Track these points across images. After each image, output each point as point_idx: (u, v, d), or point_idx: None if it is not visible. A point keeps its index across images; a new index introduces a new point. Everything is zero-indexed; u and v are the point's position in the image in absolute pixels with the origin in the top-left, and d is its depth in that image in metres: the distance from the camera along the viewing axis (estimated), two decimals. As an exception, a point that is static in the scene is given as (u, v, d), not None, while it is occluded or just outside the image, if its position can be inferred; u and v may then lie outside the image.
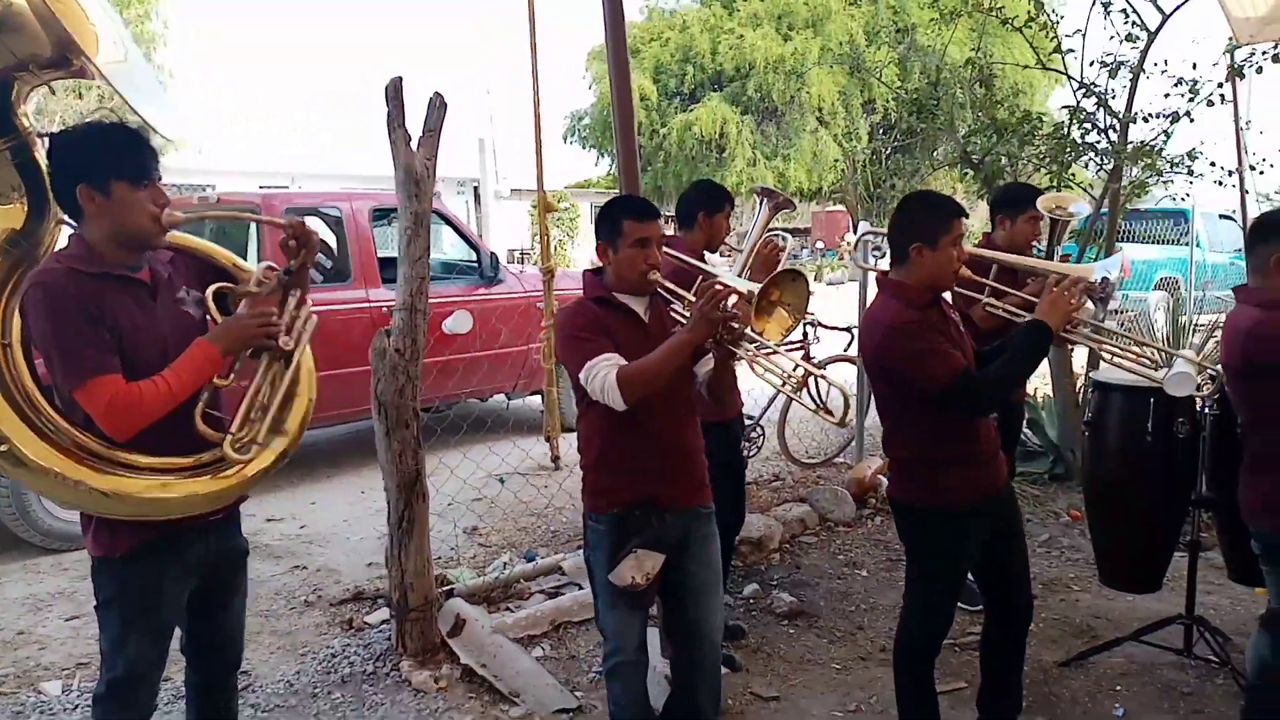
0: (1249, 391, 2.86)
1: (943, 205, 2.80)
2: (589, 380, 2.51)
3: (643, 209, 2.68)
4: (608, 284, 2.69)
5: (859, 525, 5.35)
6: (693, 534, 2.70)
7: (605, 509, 2.65)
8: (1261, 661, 2.98)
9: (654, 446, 2.61)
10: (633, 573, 2.55)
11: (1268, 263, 2.79)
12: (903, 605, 2.98)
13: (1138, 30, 5.37)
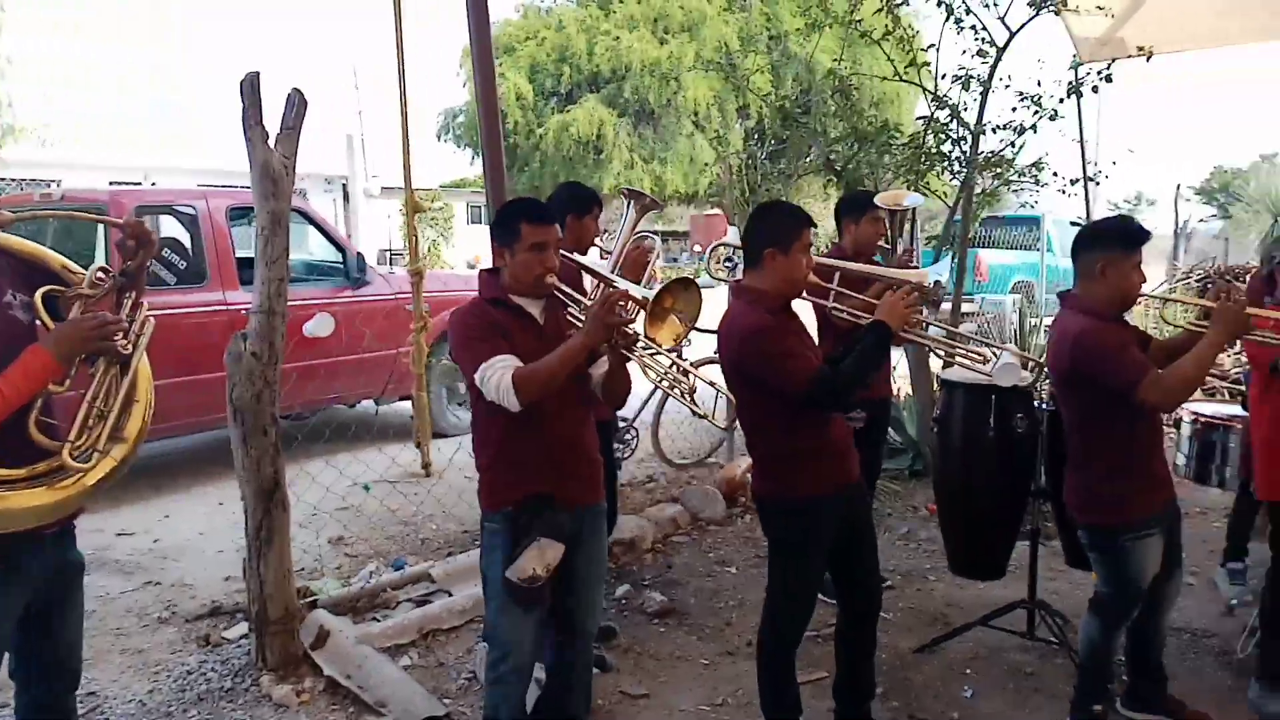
0: (1071, 396, 3.09)
1: (794, 214, 2.96)
2: (484, 381, 2.52)
3: (540, 213, 2.72)
4: (504, 285, 2.71)
5: (729, 523, 5.47)
6: (585, 531, 2.75)
7: (501, 506, 2.67)
8: (1090, 642, 3.21)
9: (551, 445, 2.65)
10: (534, 564, 2.57)
11: (1094, 269, 3.01)
12: (765, 598, 3.06)
13: (987, 46, 5.65)
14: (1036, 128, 5.57)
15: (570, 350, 2.54)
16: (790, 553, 2.96)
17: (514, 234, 2.64)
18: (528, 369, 2.52)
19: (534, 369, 2.52)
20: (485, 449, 2.72)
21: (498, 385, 2.48)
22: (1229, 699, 3.49)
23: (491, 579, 2.70)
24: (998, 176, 5.76)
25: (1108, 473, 3.05)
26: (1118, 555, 3.08)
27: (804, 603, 3.00)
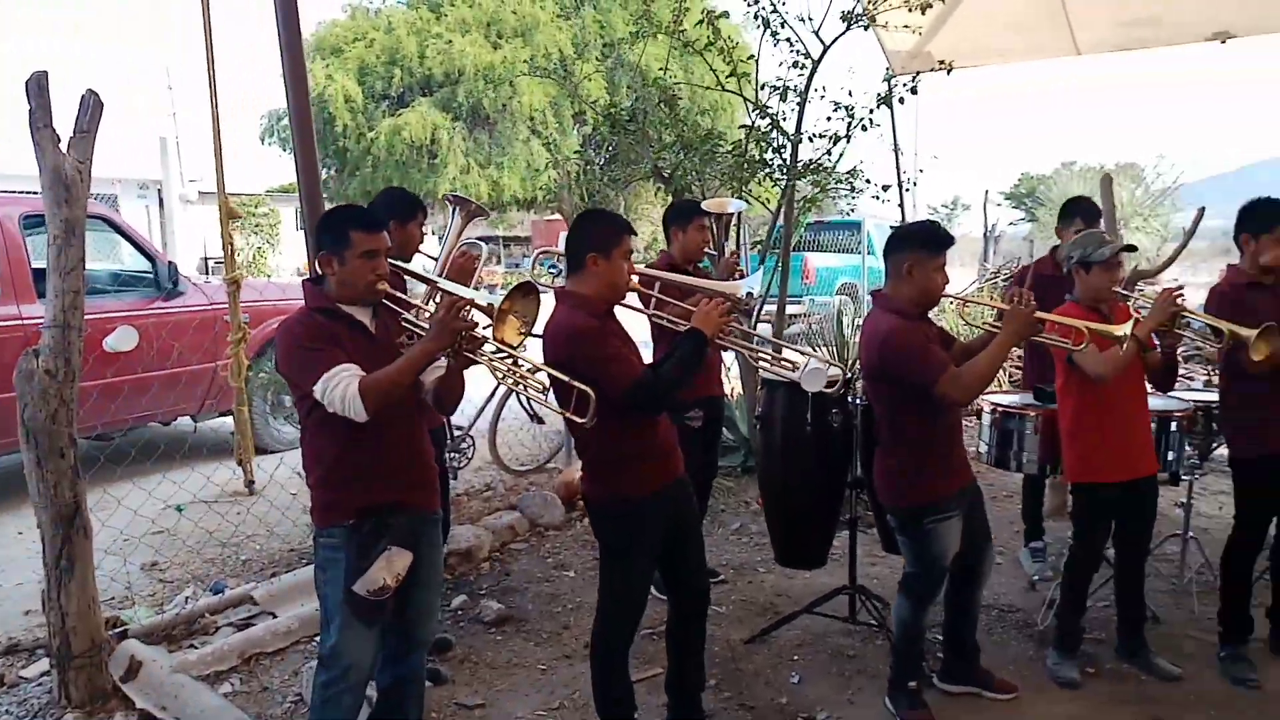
0: (879, 390, 3.30)
1: (616, 221, 3.03)
2: (327, 392, 2.45)
3: (370, 220, 2.69)
4: (330, 294, 2.65)
5: (569, 528, 5.48)
6: (423, 539, 2.72)
7: (340, 520, 2.60)
8: (902, 621, 3.41)
9: (391, 453, 2.62)
10: (384, 574, 2.52)
11: (902, 269, 3.21)
12: (598, 598, 3.10)
13: (803, 59, 5.90)
14: (850, 137, 5.84)
15: (415, 357, 2.52)
16: (620, 554, 3.01)
17: (344, 241, 2.59)
18: (373, 378, 2.48)
19: (379, 377, 2.48)
20: (319, 463, 2.64)
21: (343, 396, 2.43)
22: (1030, 667, 3.77)
23: (331, 596, 2.62)
24: (816, 183, 6.01)
25: (912, 460, 3.27)
26: (922, 536, 3.29)
27: (634, 602, 3.05)
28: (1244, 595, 3.76)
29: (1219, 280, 3.87)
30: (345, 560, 2.56)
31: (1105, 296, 3.55)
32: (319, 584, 2.69)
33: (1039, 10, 6.85)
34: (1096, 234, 3.75)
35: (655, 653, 3.82)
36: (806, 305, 12.25)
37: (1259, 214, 3.64)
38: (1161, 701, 3.50)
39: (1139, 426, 3.60)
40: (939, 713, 3.40)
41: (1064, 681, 3.63)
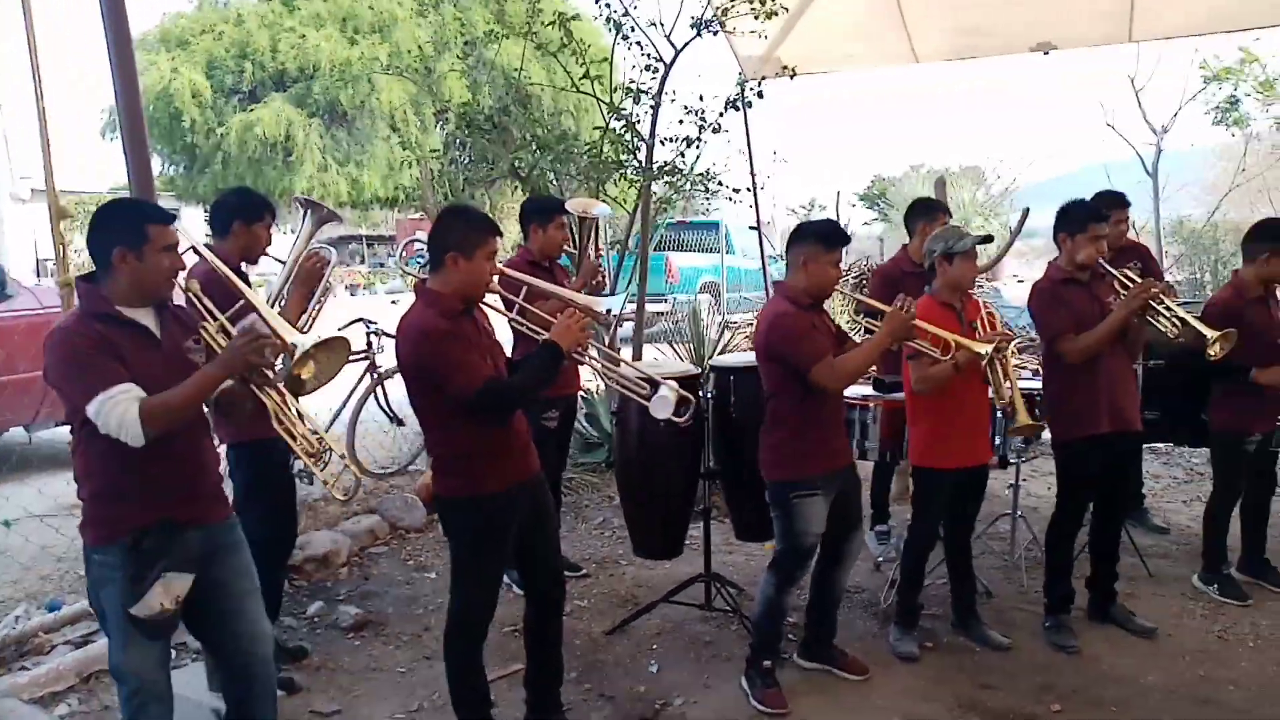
0: (765, 369, 3.48)
1: (482, 220, 3.01)
2: (102, 415, 2.31)
3: (164, 213, 2.58)
4: (110, 295, 2.48)
5: (430, 529, 5.44)
6: (218, 546, 2.62)
7: (114, 539, 2.46)
8: (765, 598, 3.55)
9: (172, 467, 2.49)
10: (161, 599, 2.41)
11: (799, 261, 3.42)
12: (450, 596, 3.10)
13: (655, 62, 6.01)
14: (703, 139, 5.99)
15: (204, 380, 2.43)
16: (471, 550, 3.01)
17: (142, 236, 2.45)
18: (157, 401, 2.35)
19: (164, 401, 2.36)
20: (90, 478, 2.49)
21: (120, 421, 2.29)
22: (874, 644, 3.98)
23: (110, 613, 2.49)
24: (671, 184, 6.14)
25: (787, 436, 3.44)
26: (787, 510, 3.45)
27: (485, 600, 3.06)
28: (1066, 569, 4.06)
29: (1041, 278, 4.17)
30: (121, 580, 2.43)
31: (967, 285, 3.82)
32: (93, 600, 2.55)
33: (879, 19, 7.19)
34: (956, 228, 3.98)
35: (517, 650, 3.83)
36: (670, 304, 12.45)
37: (1073, 215, 3.93)
38: (993, 670, 3.75)
39: (978, 417, 3.85)
40: (791, 690, 3.55)
41: (904, 655, 3.85)
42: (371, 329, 6.18)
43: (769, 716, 3.42)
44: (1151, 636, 3.98)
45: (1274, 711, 3.39)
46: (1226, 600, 4.28)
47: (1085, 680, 3.66)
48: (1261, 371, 4.12)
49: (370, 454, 6.31)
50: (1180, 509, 5.75)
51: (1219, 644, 3.94)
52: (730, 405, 4.01)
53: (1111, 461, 3.93)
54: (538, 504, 3.12)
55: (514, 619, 4.08)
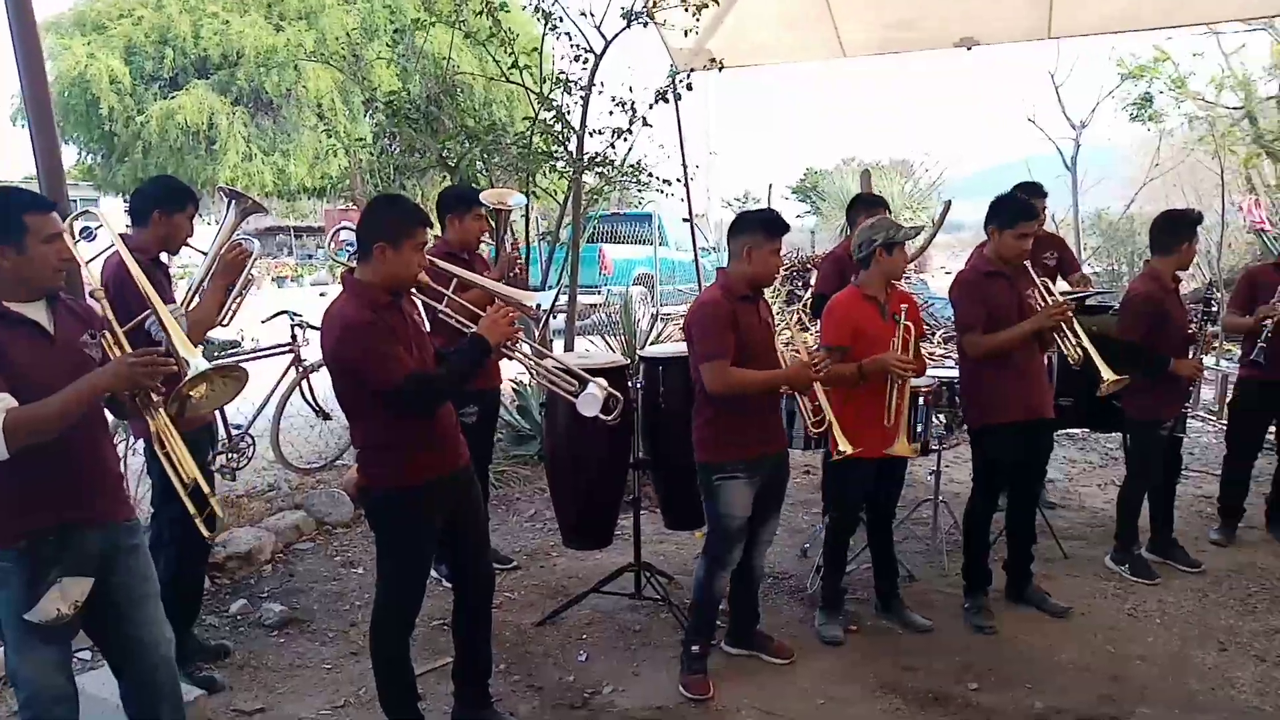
0: (690, 352, 3.50)
1: (411, 211, 2.96)
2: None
3: (43, 201, 2.50)
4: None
5: (357, 524, 5.36)
6: (118, 548, 2.54)
7: (10, 542, 2.37)
8: (698, 582, 3.59)
9: (68, 466, 2.41)
10: (57, 604, 2.34)
11: (741, 251, 3.44)
12: (376, 590, 3.08)
13: (585, 52, 6.00)
14: (633, 130, 5.99)
15: (84, 392, 2.32)
16: (397, 543, 2.99)
17: (20, 228, 2.35)
18: (25, 414, 2.23)
19: (32, 415, 2.24)
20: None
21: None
22: (801, 629, 4.06)
23: (5, 618, 2.41)
24: (602, 176, 6.13)
25: (712, 418, 3.46)
26: (710, 491, 3.48)
27: (413, 592, 3.04)
28: (984, 552, 4.18)
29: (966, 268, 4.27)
30: (17, 584, 2.35)
31: (899, 275, 3.92)
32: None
33: (808, 12, 7.26)
34: (890, 219, 4.04)
35: (446, 643, 3.82)
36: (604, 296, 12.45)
37: (1006, 210, 4.01)
38: (914, 652, 3.84)
39: (896, 409, 3.91)
40: (717, 675, 3.60)
41: (829, 640, 3.93)
42: (296, 321, 6.07)
43: (693, 702, 3.46)
44: (1065, 616, 4.12)
45: (1179, 684, 3.54)
46: (1137, 579, 4.45)
47: (1002, 659, 3.76)
48: (1181, 362, 4.29)
49: (295, 449, 6.20)
50: (1095, 493, 5.95)
51: (1129, 622, 4.09)
52: (659, 395, 4.03)
53: (1025, 448, 4.05)
54: (466, 496, 3.10)
55: (443, 612, 4.06)
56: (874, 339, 3.74)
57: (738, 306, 3.41)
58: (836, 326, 3.79)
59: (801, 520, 5.42)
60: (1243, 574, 4.53)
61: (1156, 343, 4.29)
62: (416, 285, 3.03)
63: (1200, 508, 5.47)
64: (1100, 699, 3.45)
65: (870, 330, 3.76)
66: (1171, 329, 4.34)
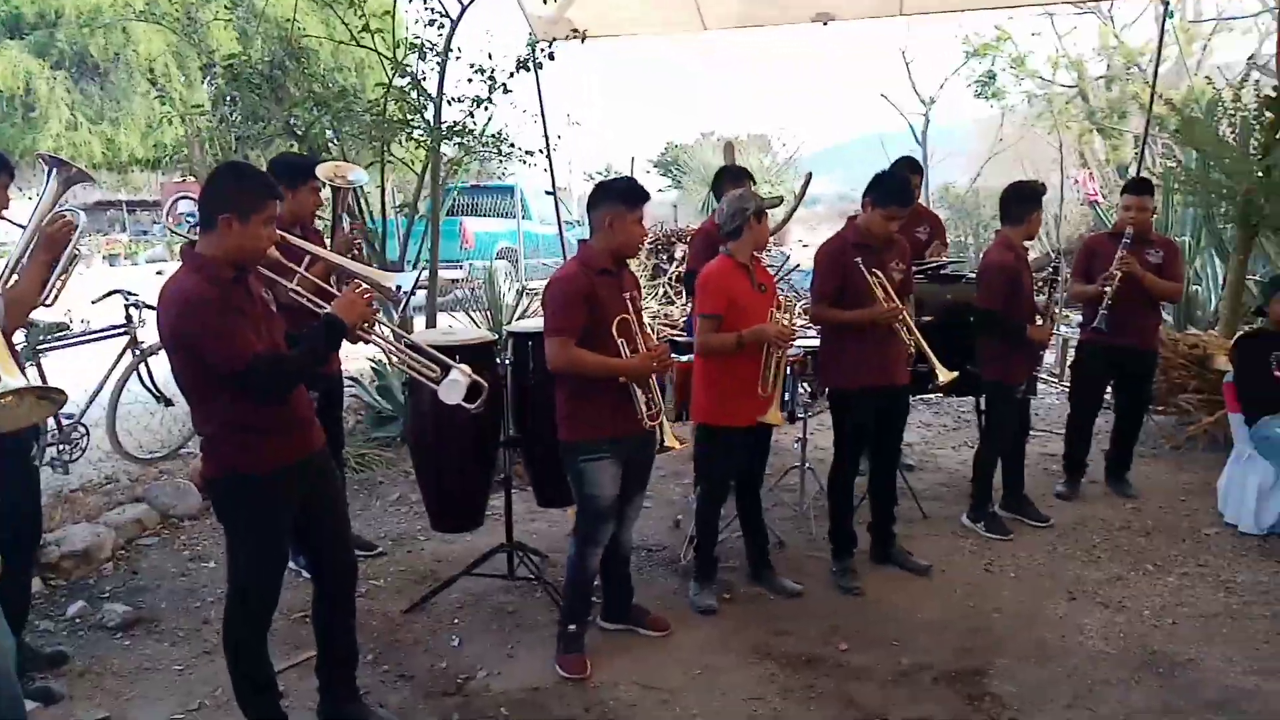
0: None
1: (259, 181, 2.75)
2: None
3: None
4: None
5: (205, 516, 5.05)
6: None
7: None
8: (570, 562, 3.53)
9: None
10: None
11: (603, 222, 3.36)
12: (227, 584, 2.89)
13: (441, 17, 5.77)
14: (493, 99, 5.81)
15: None
16: (246, 533, 2.80)
17: None
18: None
19: None
20: None
21: None
22: (676, 600, 4.05)
23: None
24: (461, 146, 5.93)
25: (571, 399, 3.39)
26: (576, 472, 3.42)
27: (265, 586, 2.87)
28: (848, 514, 4.28)
29: (835, 235, 4.32)
30: None
31: (765, 243, 3.92)
32: None
33: (669, -16, 7.23)
34: (751, 191, 4.04)
35: (307, 636, 3.62)
36: (466, 270, 12.16)
37: (884, 188, 4.07)
38: (786, 617, 3.90)
39: (775, 378, 3.94)
40: (596, 650, 3.56)
41: (703, 609, 3.94)
42: (131, 301, 5.67)
43: (570, 681, 3.41)
44: (927, 574, 4.27)
45: (1034, 635, 3.71)
46: (993, 536, 4.65)
47: (869, 620, 3.87)
48: (1035, 328, 4.48)
49: (135, 438, 5.80)
50: (950, 454, 6.20)
51: (985, 577, 4.27)
52: (529, 371, 3.93)
53: (881, 412, 4.16)
54: (321, 482, 2.93)
55: (303, 604, 3.87)
56: (745, 308, 3.75)
57: (597, 280, 3.33)
58: (713, 296, 3.77)
59: (673, 492, 5.43)
60: (1086, 526, 4.81)
61: (1011, 310, 4.48)
62: (266, 261, 2.82)
63: (1046, 465, 5.77)
64: (961, 653, 3.58)
65: (742, 299, 3.76)
66: (1024, 297, 4.54)
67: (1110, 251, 4.96)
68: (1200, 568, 4.31)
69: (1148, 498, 5.22)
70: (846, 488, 4.25)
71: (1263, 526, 4.61)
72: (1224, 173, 6.33)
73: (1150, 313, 5.10)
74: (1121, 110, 14.74)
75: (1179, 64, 13.18)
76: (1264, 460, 4.63)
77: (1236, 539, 4.63)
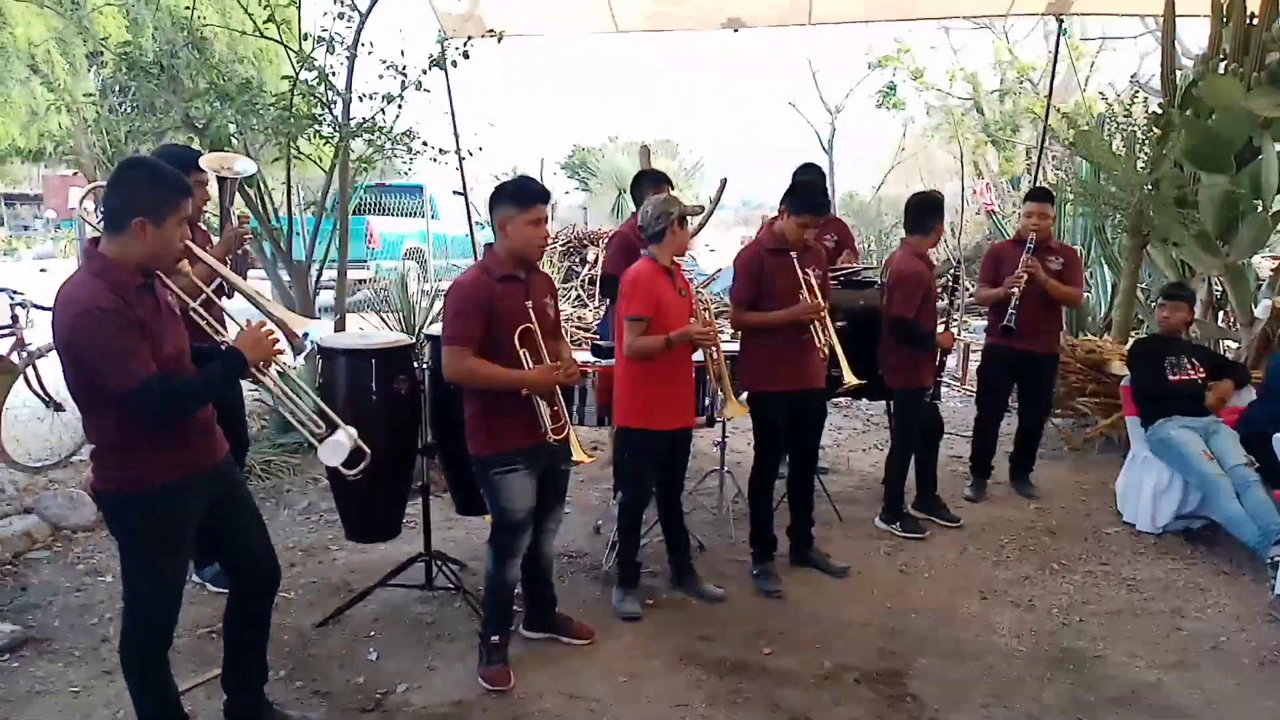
0: None
1: (173, 180, 2.59)
2: None
3: None
4: None
5: (102, 528, 4.78)
6: None
7: None
8: (488, 574, 3.47)
9: None
10: None
11: (500, 226, 3.28)
12: (123, 602, 2.74)
13: (350, 10, 5.59)
14: (404, 96, 5.66)
15: None
16: (143, 550, 2.65)
17: None
18: None
19: None
20: None
21: None
22: (598, 607, 4.01)
23: None
24: (371, 143, 5.77)
25: (479, 411, 3.32)
26: (489, 485, 3.35)
27: (166, 600, 2.71)
28: (768, 518, 4.31)
29: (752, 242, 4.37)
30: None
31: (686, 248, 3.90)
32: None
33: (582, -17, 7.19)
34: (674, 196, 4.04)
35: (215, 653, 3.47)
36: (372, 270, 11.88)
37: (799, 196, 4.13)
38: (709, 622, 3.90)
39: (686, 381, 3.95)
40: (519, 661, 3.50)
41: (627, 615, 3.91)
42: (17, 301, 5.35)
43: (494, 693, 3.34)
44: (845, 576, 4.33)
45: (950, 634, 3.80)
46: (908, 535, 4.75)
47: (790, 622, 3.90)
48: (942, 334, 4.60)
49: (22, 445, 5.46)
50: (861, 457, 6.32)
51: (901, 578, 4.36)
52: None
53: (799, 415, 4.21)
54: (226, 491, 2.81)
55: (209, 619, 3.74)
56: (669, 310, 3.75)
57: (498, 288, 3.24)
58: (642, 298, 3.75)
59: (592, 497, 5.39)
60: (994, 527, 4.96)
61: (920, 317, 4.58)
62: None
63: (954, 467, 5.93)
64: (882, 653, 3.64)
65: (666, 302, 3.76)
66: (931, 303, 4.65)
67: (1015, 257, 5.13)
68: (1103, 566, 4.49)
69: (1050, 498, 5.41)
70: (766, 491, 4.29)
71: (1158, 526, 4.83)
72: (1116, 184, 6.62)
73: (1051, 318, 5.30)
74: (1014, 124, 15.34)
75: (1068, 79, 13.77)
76: (1159, 461, 4.85)
77: (1135, 538, 4.84)
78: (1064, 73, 13.80)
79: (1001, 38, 15.37)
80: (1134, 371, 5.12)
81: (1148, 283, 7.69)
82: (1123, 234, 7.02)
